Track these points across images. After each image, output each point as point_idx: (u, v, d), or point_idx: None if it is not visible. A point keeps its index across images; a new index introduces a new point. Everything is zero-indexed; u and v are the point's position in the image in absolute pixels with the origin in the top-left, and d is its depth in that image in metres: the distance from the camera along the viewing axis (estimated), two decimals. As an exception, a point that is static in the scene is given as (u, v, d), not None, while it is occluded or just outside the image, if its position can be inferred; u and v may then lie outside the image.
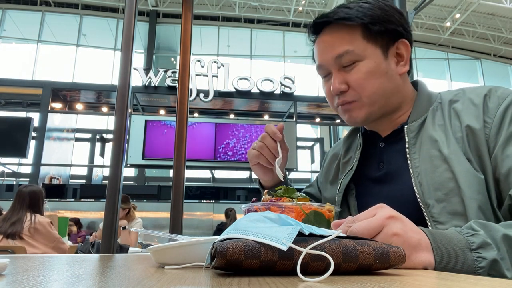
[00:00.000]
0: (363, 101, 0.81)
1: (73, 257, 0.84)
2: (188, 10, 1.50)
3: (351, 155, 0.95)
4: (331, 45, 0.82)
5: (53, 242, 2.67)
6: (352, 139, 0.99)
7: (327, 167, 1.05)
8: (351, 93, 0.81)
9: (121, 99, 1.16)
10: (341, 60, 0.81)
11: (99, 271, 0.54)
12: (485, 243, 0.56)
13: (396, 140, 0.85)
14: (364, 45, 0.80)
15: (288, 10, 11.94)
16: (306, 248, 0.41)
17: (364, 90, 0.80)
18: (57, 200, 8.12)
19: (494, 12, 11.85)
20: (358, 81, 0.80)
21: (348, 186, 0.90)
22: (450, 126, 0.77)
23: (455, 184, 0.70)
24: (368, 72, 0.79)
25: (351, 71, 0.81)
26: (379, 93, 0.81)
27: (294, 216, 0.69)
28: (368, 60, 0.80)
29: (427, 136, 0.78)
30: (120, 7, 11.65)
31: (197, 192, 9.13)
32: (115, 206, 1.08)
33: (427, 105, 0.83)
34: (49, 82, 9.60)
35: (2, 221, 2.60)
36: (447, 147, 0.74)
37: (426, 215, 0.72)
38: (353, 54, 0.80)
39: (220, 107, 10.44)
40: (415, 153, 0.78)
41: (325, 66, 0.84)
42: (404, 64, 0.84)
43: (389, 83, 0.81)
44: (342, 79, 0.81)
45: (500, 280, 0.38)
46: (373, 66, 0.80)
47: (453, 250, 0.56)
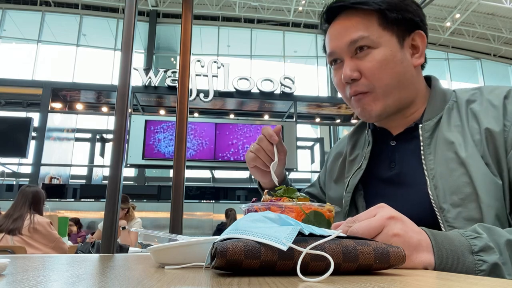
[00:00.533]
0: (377, 93, 0.77)
1: (73, 257, 0.84)
2: (188, 10, 1.50)
3: (358, 153, 0.91)
4: (345, 31, 0.78)
5: (53, 242, 2.68)
6: (358, 136, 0.95)
7: (331, 166, 1.01)
8: (364, 82, 0.77)
9: (121, 99, 1.16)
10: (354, 46, 0.77)
11: (99, 271, 0.54)
12: (487, 246, 0.55)
13: (408, 139, 0.81)
14: (379, 32, 0.77)
15: (288, 10, 11.94)
16: (306, 248, 0.41)
17: (378, 80, 0.76)
18: (57, 200, 8.12)
19: (494, 12, 11.84)
20: (372, 70, 0.76)
21: (356, 186, 0.86)
22: (467, 128, 0.73)
23: (472, 189, 0.67)
24: (383, 60, 0.75)
25: (364, 59, 0.77)
26: (394, 84, 0.77)
27: (294, 216, 0.69)
28: (383, 48, 0.76)
29: (443, 137, 0.74)
30: (120, 7, 11.65)
31: (197, 192, 9.13)
32: (115, 206, 1.08)
33: (442, 103, 0.79)
34: (49, 82, 9.60)
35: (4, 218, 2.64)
36: (465, 150, 0.70)
37: (441, 219, 0.69)
38: (368, 40, 0.76)
39: (220, 107, 10.44)
40: (430, 154, 0.74)
41: (338, 52, 0.80)
42: (419, 56, 0.80)
43: (404, 74, 0.77)
44: (354, 67, 0.77)
45: (500, 280, 0.38)
46: (388, 54, 0.76)
47: (454, 251, 0.55)
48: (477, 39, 12.58)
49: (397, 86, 0.77)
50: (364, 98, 0.78)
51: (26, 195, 2.75)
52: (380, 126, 0.88)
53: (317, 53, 12.27)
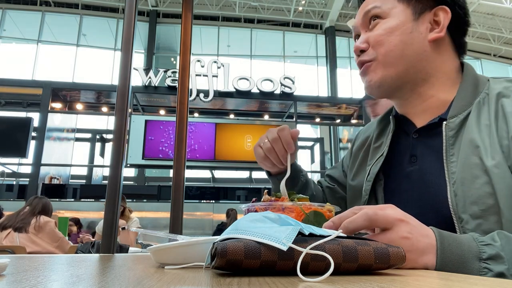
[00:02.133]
0: (378, 60, 0.75)
1: (73, 257, 0.84)
2: (188, 10, 1.50)
3: (383, 140, 0.86)
4: (365, 4, 0.80)
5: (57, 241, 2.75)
6: (386, 122, 0.89)
7: (357, 150, 0.95)
8: (370, 51, 0.77)
9: (121, 99, 1.16)
10: (368, 17, 0.78)
11: (99, 271, 0.54)
12: (497, 255, 0.53)
13: (432, 134, 0.75)
14: (393, 3, 0.76)
15: (288, 10, 11.94)
16: (306, 248, 0.41)
17: (380, 47, 0.75)
18: (57, 200, 8.12)
19: (494, 12, 11.84)
20: (376, 38, 0.76)
21: (377, 175, 0.81)
22: (496, 129, 0.66)
23: (494, 201, 0.62)
24: (388, 28, 0.75)
25: (373, 29, 0.77)
26: (396, 53, 0.74)
27: (294, 216, 0.69)
28: (392, 18, 0.76)
29: (469, 138, 0.68)
30: (120, 7, 11.65)
31: (197, 192, 9.14)
32: (115, 206, 1.08)
33: (473, 95, 0.72)
34: (49, 82, 9.60)
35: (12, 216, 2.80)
36: (491, 157, 0.64)
37: (458, 229, 0.65)
38: (378, 10, 0.77)
39: (220, 107, 10.44)
40: (452, 156, 0.69)
41: (357, 27, 0.82)
42: (439, 31, 0.74)
43: (411, 45, 0.74)
44: (365, 38, 0.78)
45: (500, 280, 0.38)
46: (395, 24, 0.75)
47: (459, 256, 0.53)
48: (477, 39, 12.58)
49: (400, 56, 0.74)
50: (366, 68, 0.78)
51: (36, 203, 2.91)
52: (401, 114, 0.83)
53: (317, 53, 12.26)
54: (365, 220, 0.54)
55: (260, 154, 0.84)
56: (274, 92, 9.73)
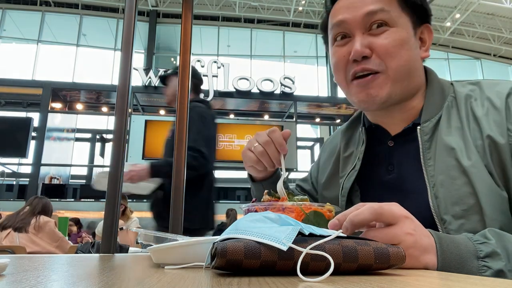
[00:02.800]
0: (389, 74, 0.70)
1: (73, 257, 0.84)
2: (188, 10, 1.49)
3: (353, 150, 0.85)
4: (362, 1, 0.71)
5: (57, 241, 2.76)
6: (353, 131, 0.88)
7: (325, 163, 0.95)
8: (376, 61, 0.70)
9: (121, 99, 1.16)
10: (371, 20, 0.70)
11: (99, 271, 0.54)
12: (494, 252, 0.54)
13: (407, 140, 0.75)
14: (399, 12, 0.71)
15: (288, 10, 11.94)
16: (306, 248, 0.41)
17: (391, 60, 0.69)
18: (57, 200, 8.12)
19: (494, 12, 11.85)
20: (388, 47, 0.69)
21: (352, 187, 0.81)
22: (468, 131, 0.68)
23: (475, 201, 0.63)
24: (400, 40, 0.69)
25: (380, 36, 0.70)
26: (406, 69, 0.70)
27: (294, 216, 0.69)
28: (401, 29, 0.70)
29: (443, 141, 0.69)
30: (120, 7, 11.65)
31: (197, 192, 9.12)
32: (115, 206, 1.08)
33: (441, 99, 0.73)
34: (49, 82, 9.60)
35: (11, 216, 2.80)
36: (467, 158, 0.65)
37: (442, 231, 0.65)
38: (387, 15, 0.70)
39: (220, 107, 10.44)
40: (430, 159, 0.69)
41: (349, 24, 0.72)
42: (426, 50, 0.76)
43: (415, 62, 0.72)
44: (367, 43, 0.70)
45: (500, 280, 0.38)
46: (405, 37, 0.70)
47: (459, 255, 0.54)
48: (477, 39, 12.58)
49: (408, 72, 0.71)
50: (372, 81, 0.71)
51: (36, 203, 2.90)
52: (375, 124, 0.81)
53: (317, 53, 12.26)
54: (371, 214, 0.53)
55: (251, 158, 0.79)
56: (274, 92, 9.73)
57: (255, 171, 0.84)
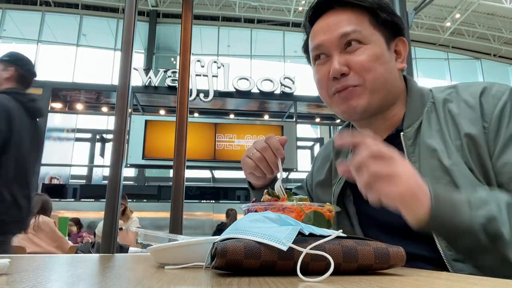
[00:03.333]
0: (366, 86, 0.76)
1: (73, 257, 0.84)
2: (188, 10, 1.50)
3: (343, 159, 0.91)
4: (336, 24, 0.78)
5: (56, 241, 2.73)
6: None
7: (318, 170, 1.00)
8: (354, 77, 0.76)
9: (121, 99, 1.16)
10: (345, 40, 0.76)
11: (99, 271, 0.54)
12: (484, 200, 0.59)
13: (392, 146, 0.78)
14: (371, 30, 0.77)
15: (288, 10, 11.94)
16: (306, 248, 0.41)
17: (367, 73, 0.75)
18: (57, 200, 8.12)
19: (494, 12, 11.85)
20: (363, 63, 0.75)
21: (344, 193, 0.86)
22: (447, 132, 0.73)
23: None
24: (374, 55, 0.76)
25: (354, 53, 0.76)
26: (382, 81, 0.76)
27: (294, 216, 0.69)
28: (373, 45, 0.77)
29: (425, 144, 0.74)
30: (120, 7, 11.65)
31: (197, 192, 9.13)
32: (115, 206, 1.08)
33: (421, 105, 0.79)
34: (49, 82, 9.60)
35: None
36: (448, 158, 0.70)
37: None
38: (360, 35, 0.76)
39: (220, 107, 10.44)
40: (415, 163, 0.74)
41: (326, 46, 0.79)
42: (402, 61, 0.81)
43: (391, 74, 0.78)
44: (344, 61, 0.76)
45: (500, 280, 0.38)
46: (378, 52, 0.76)
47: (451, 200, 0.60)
48: (477, 39, 12.58)
49: (384, 84, 0.77)
50: (351, 92, 0.77)
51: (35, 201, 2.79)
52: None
53: (317, 53, 12.25)
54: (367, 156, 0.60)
55: (250, 164, 0.83)
56: (274, 92, 9.73)
57: (254, 178, 0.88)
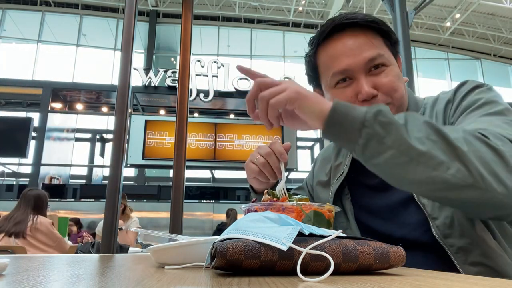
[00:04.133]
0: (394, 104, 0.81)
1: (73, 257, 0.84)
2: (188, 10, 1.50)
3: (341, 161, 0.95)
4: (361, 48, 0.80)
5: (55, 242, 2.69)
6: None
7: (318, 170, 1.05)
8: (382, 97, 0.80)
9: (121, 99, 1.16)
10: (372, 64, 0.80)
11: (99, 271, 0.54)
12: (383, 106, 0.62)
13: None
14: (388, 52, 0.83)
15: (288, 10, 11.94)
16: (306, 248, 0.41)
17: (395, 93, 0.80)
18: (57, 200, 8.12)
19: (494, 12, 11.85)
20: (390, 84, 0.80)
21: (342, 191, 0.90)
22: None
23: None
24: (397, 75, 0.82)
25: (380, 75, 0.80)
26: (404, 98, 0.83)
27: (294, 216, 0.69)
28: (394, 66, 0.82)
29: None
30: (120, 7, 11.65)
31: (197, 192, 9.13)
32: (115, 206, 1.08)
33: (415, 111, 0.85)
34: (49, 82, 9.60)
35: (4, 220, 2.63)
36: None
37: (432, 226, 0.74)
38: (383, 58, 0.80)
39: (220, 107, 10.44)
40: None
41: (353, 70, 0.81)
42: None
43: (404, 88, 0.84)
44: (372, 84, 0.80)
45: (500, 280, 0.38)
46: (397, 71, 0.83)
47: (352, 105, 0.63)
48: (477, 39, 12.58)
49: (405, 99, 0.84)
50: None
51: (28, 199, 2.72)
52: None
53: (317, 53, 12.26)
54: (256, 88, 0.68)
55: (254, 169, 0.85)
56: (274, 92, 9.72)
57: (257, 183, 0.89)
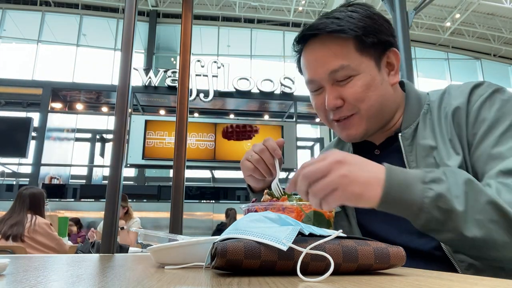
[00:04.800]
0: (361, 114, 0.78)
1: (73, 257, 0.84)
2: (188, 10, 1.50)
3: None
4: (323, 59, 0.78)
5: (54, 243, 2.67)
6: (343, 145, 0.97)
7: None
8: (348, 107, 0.78)
9: (121, 99, 1.16)
10: (335, 75, 0.77)
11: (99, 271, 0.54)
12: (439, 178, 0.60)
13: (391, 147, 0.83)
14: (358, 58, 0.77)
15: (288, 10, 11.94)
16: (306, 248, 0.41)
17: (361, 103, 0.77)
18: (57, 200, 8.12)
19: (494, 12, 11.84)
20: (355, 95, 0.77)
21: None
22: (439, 129, 0.77)
23: None
24: (364, 85, 0.76)
25: (346, 85, 0.77)
26: (376, 107, 0.78)
27: (295, 216, 0.69)
28: (363, 74, 0.77)
29: (421, 143, 0.77)
30: (120, 7, 11.65)
31: (197, 192, 9.13)
32: (115, 206, 1.08)
33: (418, 108, 0.81)
34: (49, 82, 9.60)
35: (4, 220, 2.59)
36: (437, 154, 0.75)
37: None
38: (348, 69, 0.76)
39: (220, 107, 10.44)
40: (412, 162, 0.77)
41: (317, 81, 0.80)
42: (395, 74, 0.82)
43: (385, 95, 0.79)
44: (337, 94, 0.78)
45: (500, 280, 0.38)
46: (369, 80, 0.77)
47: (405, 180, 0.60)
48: (477, 39, 12.58)
49: (380, 109, 0.79)
50: (348, 122, 0.80)
51: (23, 199, 2.64)
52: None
53: (317, 53, 12.26)
54: (305, 185, 0.60)
55: (249, 167, 0.85)
56: (274, 92, 9.73)
57: (254, 180, 0.89)
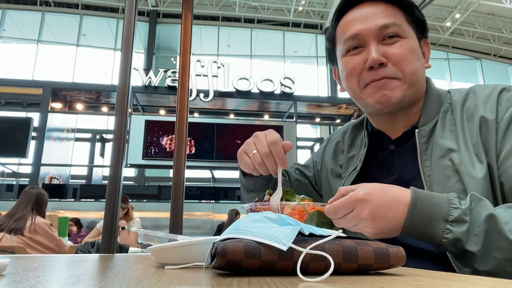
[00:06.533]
0: (405, 80, 0.76)
1: (73, 257, 0.84)
2: (188, 10, 1.49)
3: (355, 153, 0.91)
4: (375, 15, 0.77)
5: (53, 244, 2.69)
6: (356, 135, 0.94)
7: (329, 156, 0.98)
8: (391, 68, 0.75)
9: (121, 99, 1.16)
10: (385, 32, 0.76)
11: (99, 271, 0.54)
12: (461, 219, 0.58)
13: (407, 143, 0.81)
14: (407, 25, 0.78)
15: (288, 10, 11.93)
16: (306, 248, 0.41)
17: (406, 66, 0.75)
18: (57, 200, 8.12)
19: (494, 12, 11.84)
20: (402, 56, 0.75)
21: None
22: (462, 131, 0.74)
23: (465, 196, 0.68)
24: (412, 49, 0.76)
25: (393, 45, 0.76)
26: (418, 75, 0.77)
27: (297, 216, 0.69)
28: (411, 40, 0.77)
29: (438, 143, 0.75)
30: (120, 7, 11.65)
31: (197, 192, 9.13)
32: (115, 206, 1.08)
33: (438, 106, 0.79)
34: (49, 82, 9.60)
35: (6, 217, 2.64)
36: (458, 156, 0.71)
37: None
38: (399, 28, 0.76)
39: (220, 107, 10.44)
40: (426, 160, 0.75)
41: (364, 36, 0.77)
42: (426, 61, 0.83)
43: (422, 69, 0.79)
44: (383, 52, 0.76)
45: (500, 280, 0.38)
46: (415, 46, 0.78)
47: (428, 217, 0.59)
48: (477, 39, 12.57)
49: (419, 79, 0.78)
50: (388, 83, 0.76)
51: (29, 196, 2.74)
52: (378, 129, 0.86)
53: (317, 53, 12.26)
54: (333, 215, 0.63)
55: (248, 165, 0.77)
56: (274, 92, 9.73)
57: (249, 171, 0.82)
